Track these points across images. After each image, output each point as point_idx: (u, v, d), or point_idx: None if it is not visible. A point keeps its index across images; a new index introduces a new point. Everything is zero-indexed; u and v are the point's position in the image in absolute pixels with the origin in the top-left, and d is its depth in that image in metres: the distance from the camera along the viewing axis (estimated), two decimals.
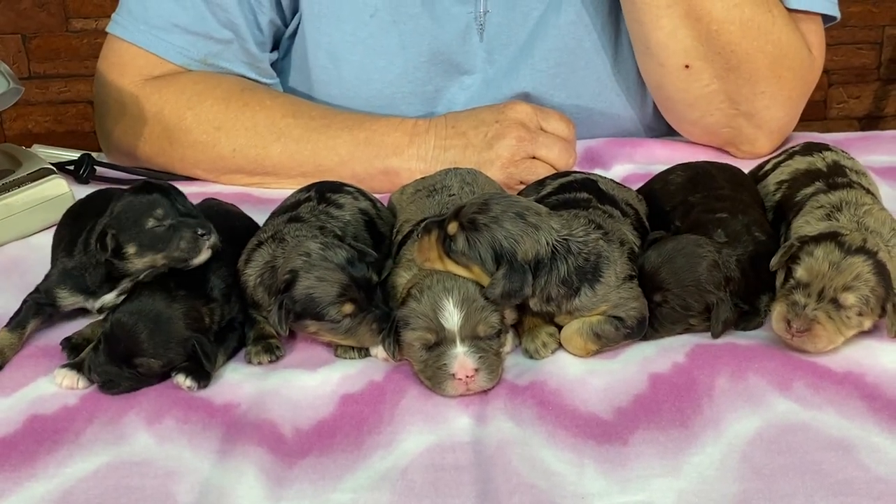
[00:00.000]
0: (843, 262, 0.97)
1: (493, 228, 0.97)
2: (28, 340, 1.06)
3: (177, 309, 0.98)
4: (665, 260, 1.01)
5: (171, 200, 1.01)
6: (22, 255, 1.23)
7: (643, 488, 0.84)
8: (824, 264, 0.98)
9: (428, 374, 0.96)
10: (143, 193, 1.01)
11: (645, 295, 1.01)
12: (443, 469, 0.87)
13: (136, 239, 1.00)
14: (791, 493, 0.82)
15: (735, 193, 1.09)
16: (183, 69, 1.45)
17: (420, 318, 0.96)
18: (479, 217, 0.97)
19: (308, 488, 0.86)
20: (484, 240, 0.97)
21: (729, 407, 0.92)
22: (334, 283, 0.99)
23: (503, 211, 0.98)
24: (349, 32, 1.47)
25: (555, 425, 0.91)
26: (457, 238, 0.97)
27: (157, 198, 1.01)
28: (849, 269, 0.97)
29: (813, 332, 0.97)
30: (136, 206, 1.01)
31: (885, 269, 0.98)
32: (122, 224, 1.01)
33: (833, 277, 0.97)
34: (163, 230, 1.00)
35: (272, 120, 1.40)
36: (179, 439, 0.91)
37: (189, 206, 1.03)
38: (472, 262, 0.97)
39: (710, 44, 1.37)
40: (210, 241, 1.01)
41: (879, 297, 0.98)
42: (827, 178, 1.10)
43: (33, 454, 0.90)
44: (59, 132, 3.13)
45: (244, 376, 1.00)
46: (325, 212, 1.12)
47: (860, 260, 0.98)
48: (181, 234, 1.00)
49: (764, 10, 1.37)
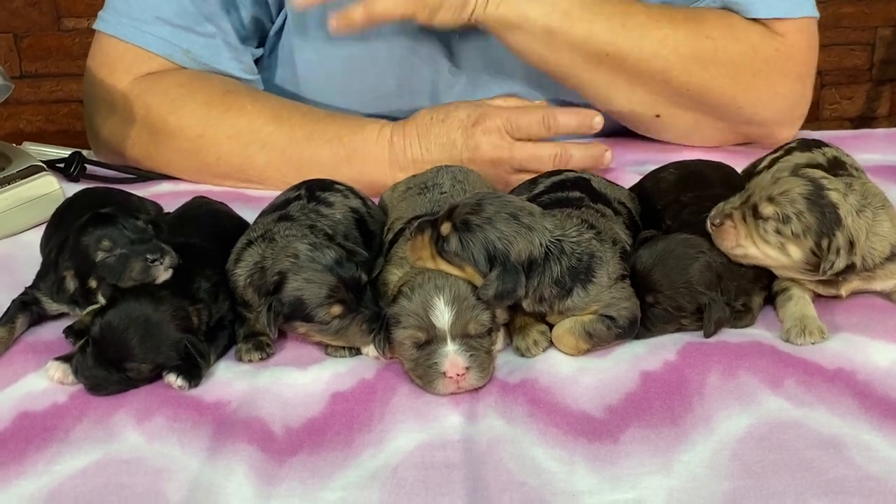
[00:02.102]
0: (783, 178, 1.00)
1: (486, 229, 0.97)
2: (18, 338, 1.06)
3: (164, 311, 0.98)
4: (657, 261, 1.01)
5: (120, 228, 1.00)
6: (12, 252, 1.23)
7: (634, 486, 0.84)
8: (767, 176, 1.01)
9: (419, 372, 0.96)
10: (90, 227, 1.01)
11: (637, 295, 1.01)
12: (433, 467, 0.86)
13: (93, 273, 1.00)
14: (782, 490, 0.82)
15: (727, 193, 1.09)
16: (167, 61, 1.44)
17: (411, 316, 0.96)
18: (472, 218, 0.97)
19: (298, 486, 0.85)
20: (477, 241, 0.97)
21: (720, 405, 0.92)
22: (322, 285, 0.99)
23: (496, 212, 0.98)
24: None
25: (546, 423, 0.91)
26: (450, 239, 0.97)
27: (103, 229, 1.00)
28: (780, 184, 1.00)
29: (724, 228, 1.00)
30: (84, 242, 1.00)
31: (830, 207, 0.99)
32: (77, 262, 1.01)
33: (765, 188, 1.00)
34: (114, 260, 0.99)
35: (254, 127, 1.39)
36: (169, 437, 0.91)
37: (139, 229, 1.01)
38: (465, 262, 0.97)
39: (666, 92, 1.38)
40: (164, 263, 0.99)
41: (808, 227, 0.99)
42: (827, 172, 1.10)
43: (22, 452, 0.90)
44: (50, 131, 3.12)
45: (235, 374, 1.00)
46: (316, 210, 1.11)
47: (800, 182, 0.99)
48: (130, 265, 0.99)
49: (700, 39, 1.37)
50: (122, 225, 1.01)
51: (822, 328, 1.01)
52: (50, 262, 1.06)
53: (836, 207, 0.99)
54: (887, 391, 0.94)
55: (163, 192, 1.38)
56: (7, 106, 3.09)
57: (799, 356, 0.98)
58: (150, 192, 1.35)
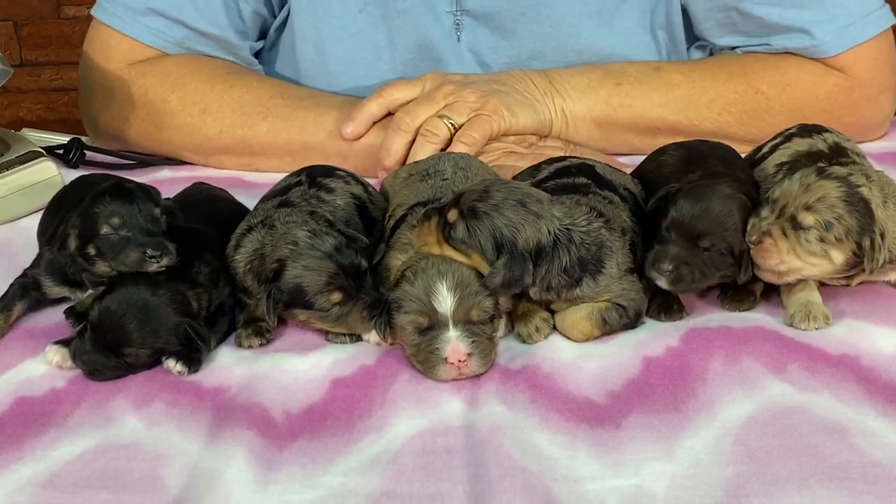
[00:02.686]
0: (814, 183, 0.98)
1: (493, 217, 0.96)
2: (16, 323, 1.05)
3: (163, 296, 0.97)
4: (701, 208, 1.00)
5: (136, 209, 0.99)
6: (10, 238, 1.22)
7: (636, 472, 0.83)
8: (795, 184, 0.99)
9: (420, 357, 0.95)
10: (109, 195, 0.99)
11: (685, 244, 1.00)
12: (434, 453, 0.86)
13: (93, 242, 0.99)
14: (785, 476, 0.81)
15: (730, 170, 1.09)
16: (161, 52, 1.44)
17: (413, 301, 0.95)
18: (479, 205, 0.97)
19: (298, 472, 0.85)
20: (484, 228, 0.96)
21: (723, 390, 0.91)
22: (322, 272, 0.98)
23: (504, 199, 0.97)
24: (338, 27, 1.46)
25: (548, 409, 0.90)
26: (457, 226, 0.97)
27: (119, 205, 0.99)
28: (815, 190, 0.98)
29: (763, 246, 0.98)
30: (97, 208, 0.99)
31: (864, 204, 0.98)
32: (83, 225, 1.00)
33: (798, 196, 0.98)
34: (116, 239, 0.98)
35: (259, 100, 1.40)
36: (168, 423, 0.91)
37: (153, 219, 1.00)
38: (471, 249, 0.96)
39: (731, 141, 1.32)
40: (161, 262, 0.98)
41: (849, 229, 0.97)
42: (830, 159, 1.09)
43: (20, 437, 0.89)
44: (50, 120, 3.11)
45: (234, 360, 0.99)
46: (316, 196, 1.11)
47: (833, 185, 0.98)
48: (128, 252, 0.98)
49: (749, 95, 1.38)
50: (139, 208, 0.99)
51: (826, 314, 1.00)
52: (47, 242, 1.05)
53: (869, 203, 0.98)
54: (892, 377, 0.93)
55: (163, 178, 1.38)
56: (7, 94, 3.10)
57: (803, 342, 0.98)
58: (149, 177, 1.35)
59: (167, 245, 0.99)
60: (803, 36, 1.38)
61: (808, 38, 1.38)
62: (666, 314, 1.03)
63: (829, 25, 1.38)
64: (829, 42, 1.38)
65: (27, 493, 0.83)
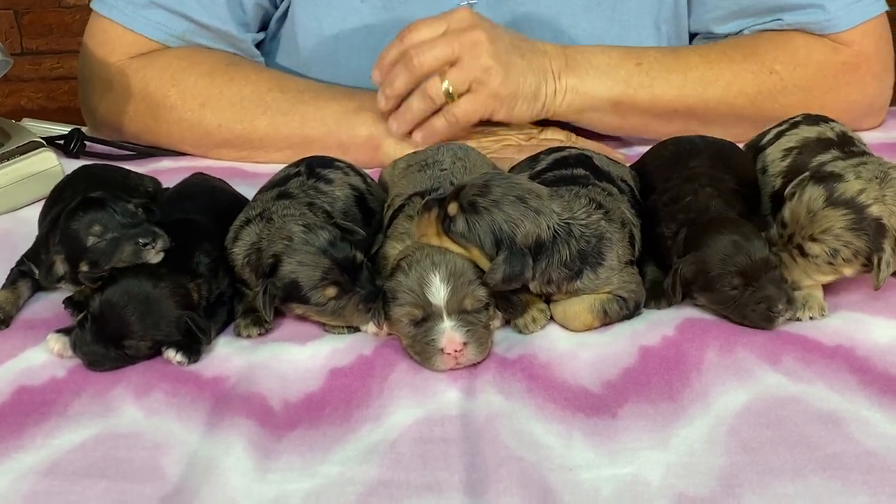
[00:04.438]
0: (821, 212, 0.98)
1: (493, 212, 0.96)
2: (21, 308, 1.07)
3: (164, 288, 0.97)
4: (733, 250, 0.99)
5: (110, 212, 1.00)
6: (11, 228, 1.23)
7: (631, 461, 0.84)
8: (803, 210, 0.99)
9: (417, 349, 0.96)
10: (80, 212, 1.00)
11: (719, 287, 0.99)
12: (431, 442, 0.86)
13: (84, 257, 0.99)
14: (779, 466, 0.82)
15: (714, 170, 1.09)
16: (163, 46, 1.44)
17: (407, 293, 0.96)
18: (479, 200, 0.97)
19: (296, 460, 0.85)
20: (483, 223, 0.96)
21: (717, 380, 0.92)
22: (316, 268, 0.99)
23: (504, 194, 0.97)
24: (340, 18, 1.46)
25: (544, 398, 0.91)
26: (456, 220, 0.97)
27: (94, 214, 1.00)
28: (821, 221, 0.98)
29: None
30: (74, 227, 0.99)
31: (874, 224, 0.98)
32: (67, 247, 1.00)
33: (804, 226, 0.99)
34: (105, 244, 0.99)
35: (258, 94, 1.39)
36: (167, 412, 0.91)
37: (130, 213, 1.01)
38: (471, 244, 0.97)
39: (742, 124, 1.35)
40: (156, 247, 0.99)
41: (857, 251, 0.98)
42: (840, 146, 1.10)
43: (20, 426, 0.90)
44: (51, 109, 3.11)
45: (233, 350, 1.00)
46: (315, 187, 1.11)
47: (838, 213, 0.98)
48: (122, 249, 0.98)
49: (764, 76, 1.37)
50: (113, 209, 1.00)
51: (822, 304, 1.01)
52: (42, 240, 1.06)
53: (880, 219, 0.98)
54: (887, 367, 0.94)
55: (163, 168, 1.38)
56: (8, 83, 3.09)
57: (798, 333, 0.98)
58: (149, 168, 1.35)
59: (155, 230, 0.99)
60: (817, 10, 1.39)
61: (823, 12, 1.38)
62: (656, 302, 1.03)
63: (840, 1, 1.38)
64: (841, 17, 1.38)
65: (28, 481, 0.83)
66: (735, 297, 0.99)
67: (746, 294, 0.98)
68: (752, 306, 0.98)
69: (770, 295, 0.98)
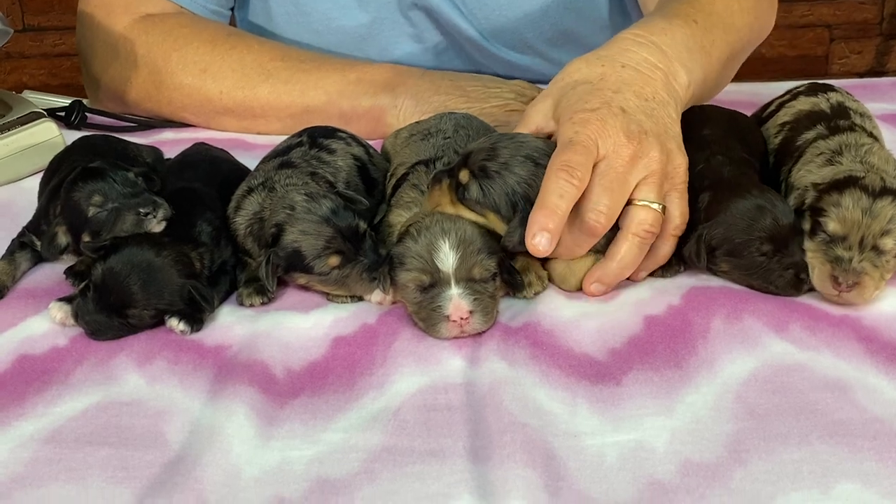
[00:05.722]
0: (874, 206, 0.96)
1: (504, 175, 0.96)
2: (18, 282, 1.06)
3: (167, 256, 0.97)
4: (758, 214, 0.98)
5: (110, 182, 1.00)
6: (13, 198, 1.23)
7: (636, 427, 0.83)
8: (856, 212, 0.96)
9: (422, 315, 0.95)
10: (80, 183, 1.00)
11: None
12: (435, 409, 0.86)
13: (86, 227, 1.00)
14: (785, 432, 0.81)
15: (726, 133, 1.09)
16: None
17: (415, 258, 0.95)
18: (489, 164, 0.96)
19: (299, 427, 0.85)
20: (497, 187, 0.96)
21: (724, 348, 0.91)
22: (319, 236, 0.98)
23: (512, 155, 0.97)
24: None
25: (548, 365, 0.90)
26: (469, 186, 0.97)
27: (95, 184, 1.00)
28: (882, 214, 0.96)
29: (861, 284, 0.95)
30: (75, 197, 1.00)
31: None
32: (69, 218, 1.00)
33: (869, 224, 0.96)
34: (106, 214, 0.99)
35: (260, 62, 1.39)
36: (170, 380, 0.91)
37: (131, 182, 1.01)
38: (486, 209, 0.97)
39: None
40: (157, 216, 0.99)
41: None
42: (829, 120, 1.08)
43: (22, 394, 0.89)
44: (53, 85, 3.11)
45: (236, 318, 0.99)
46: (317, 157, 1.10)
47: (888, 202, 0.96)
48: (123, 218, 0.99)
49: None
50: (113, 179, 1.00)
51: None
52: (42, 211, 1.06)
53: None
54: (894, 337, 0.93)
55: (164, 139, 1.38)
56: (10, 59, 3.09)
57: (804, 302, 0.98)
58: (151, 139, 1.35)
59: (156, 199, 0.99)
60: None
61: None
62: (666, 269, 1.03)
63: None
64: None
65: (30, 449, 0.83)
66: (763, 263, 0.98)
67: (774, 260, 0.98)
68: (779, 272, 0.98)
69: (799, 262, 0.98)
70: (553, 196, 0.93)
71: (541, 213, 0.93)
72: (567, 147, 0.95)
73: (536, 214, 0.93)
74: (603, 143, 0.96)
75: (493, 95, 1.34)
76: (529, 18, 1.48)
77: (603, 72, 1.03)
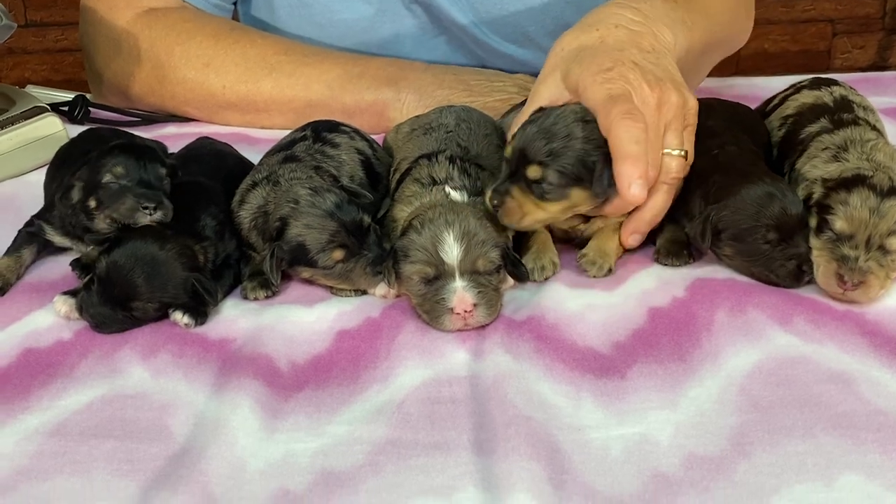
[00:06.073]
0: (882, 206, 0.96)
1: (570, 144, 0.97)
2: (25, 273, 1.06)
3: (171, 249, 0.97)
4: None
5: (142, 164, 1.00)
6: (17, 192, 1.23)
7: (640, 420, 0.83)
8: (864, 212, 0.96)
9: (426, 307, 0.95)
10: (118, 149, 1.01)
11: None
12: (439, 402, 0.86)
13: (95, 193, 1.00)
14: (790, 425, 0.81)
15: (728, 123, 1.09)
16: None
17: (420, 250, 0.95)
18: (552, 146, 0.98)
19: (304, 420, 0.85)
20: (569, 158, 0.97)
21: (728, 341, 0.91)
22: (323, 231, 0.98)
23: (565, 125, 0.98)
24: None
25: (552, 359, 0.90)
26: (546, 176, 0.97)
27: (125, 157, 1.00)
28: (890, 214, 0.96)
29: (867, 283, 0.96)
30: (103, 161, 1.00)
31: None
32: (88, 175, 1.00)
33: (877, 224, 0.96)
34: (115, 188, 0.99)
35: (263, 56, 1.39)
36: (174, 373, 0.91)
37: (158, 176, 1.01)
38: (570, 184, 0.98)
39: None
40: (153, 215, 0.99)
41: None
42: (833, 114, 1.09)
43: (27, 387, 0.89)
44: (55, 80, 3.10)
45: (240, 312, 0.99)
46: (321, 151, 1.11)
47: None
48: (125, 200, 0.99)
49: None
50: (144, 164, 1.01)
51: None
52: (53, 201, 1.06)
53: None
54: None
55: (168, 134, 1.38)
56: (12, 55, 3.09)
57: (808, 295, 0.98)
58: (155, 133, 1.35)
59: (164, 201, 0.99)
60: None
61: None
62: (676, 258, 1.03)
63: None
64: None
65: (35, 442, 0.83)
66: (766, 251, 0.98)
67: (778, 249, 0.98)
68: (781, 261, 0.98)
69: (802, 253, 0.98)
70: (629, 144, 0.95)
71: (625, 164, 0.95)
72: (613, 100, 0.98)
73: (621, 166, 0.95)
74: (635, 95, 0.99)
75: (496, 89, 1.34)
76: (531, 12, 1.48)
77: (600, 34, 1.07)
